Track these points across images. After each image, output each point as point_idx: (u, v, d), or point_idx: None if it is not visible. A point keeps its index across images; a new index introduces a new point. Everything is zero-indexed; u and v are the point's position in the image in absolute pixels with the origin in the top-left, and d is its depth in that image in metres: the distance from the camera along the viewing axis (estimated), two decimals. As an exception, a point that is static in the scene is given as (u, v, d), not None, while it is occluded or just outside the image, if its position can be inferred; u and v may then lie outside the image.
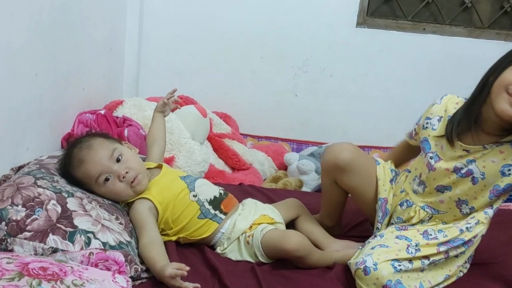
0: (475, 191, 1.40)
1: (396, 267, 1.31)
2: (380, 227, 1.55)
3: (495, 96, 1.29)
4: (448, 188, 1.43)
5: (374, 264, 1.30)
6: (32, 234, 1.21)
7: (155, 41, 2.81)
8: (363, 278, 1.31)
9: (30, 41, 1.62)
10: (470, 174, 1.38)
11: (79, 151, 1.46)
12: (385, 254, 1.34)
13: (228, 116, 2.80)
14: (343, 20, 2.78)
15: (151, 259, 1.31)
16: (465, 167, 1.38)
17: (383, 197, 1.55)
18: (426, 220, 1.49)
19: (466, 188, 1.40)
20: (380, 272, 1.30)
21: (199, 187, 1.57)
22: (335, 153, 1.56)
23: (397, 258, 1.33)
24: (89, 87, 2.21)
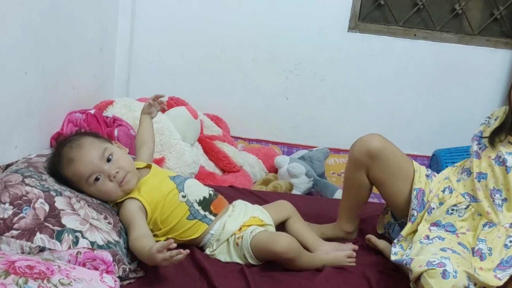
0: (507, 181, 1.42)
1: (469, 284, 1.28)
2: (416, 215, 1.54)
3: None
4: (485, 175, 1.46)
5: (454, 271, 1.25)
6: (19, 233, 1.19)
7: (147, 42, 2.80)
8: (438, 280, 1.25)
9: (20, 39, 1.61)
10: (505, 163, 1.42)
11: (69, 150, 1.44)
12: (463, 264, 1.30)
13: (219, 118, 2.80)
14: (335, 25, 2.79)
15: (141, 248, 1.30)
16: (503, 155, 1.43)
17: (419, 187, 1.55)
18: (463, 211, 1.49)
19: (501, 177, 1.43)
20: (458, 281, 1.24)
21: (189, 188, 1.56)
22: (366, 142, 1.58)
23: (469, 274, 1.29)
24: (79, 86, 2.19)
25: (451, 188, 1.54)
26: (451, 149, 2.66)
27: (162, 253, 1.21)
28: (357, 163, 1.61)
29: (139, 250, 1.31)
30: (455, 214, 1.50)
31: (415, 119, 2.94)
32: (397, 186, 1.58)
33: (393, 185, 1.59)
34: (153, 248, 1.22)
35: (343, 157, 2.93)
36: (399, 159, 1.60)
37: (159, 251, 1.21)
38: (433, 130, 2.94)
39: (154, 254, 1.21)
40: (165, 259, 1.21)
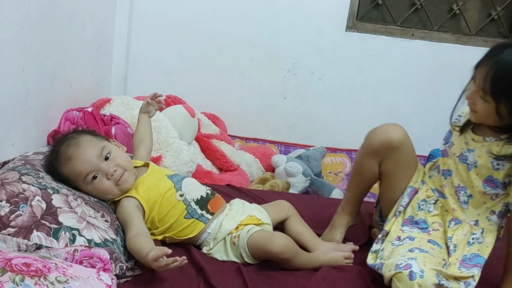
0: (469, 178, 1.42)
1: (440, 280, 1.28)
2: (401, 211, 1.54)
3: None
4: (450, 172, 1.47)
5: (421, 271, 1.26)
6: (16, 230, 1.19)
7: (144, 40, 2.80)
8: (405, 282, 1.26)
9: (18, 36, 1.61)
10: (465, 161, 1.42)
11: (67, 148, 1.44)
12: (431, 262, 1.32)
13: (216, 117, 2.80)
14: (332, 24, 2.79)
15: (138, 248, 1.30)
16: (465, 153, 1.42)
17: (415, 186, 1.56)
18: (432, 206, 1.50)
19: (464, 174, 1.43)
20: (425, 281, 1.25)
21: (186, 187, 1.56)
22: (388, 132, 1.52)
23: (439, 271, 1.30)
24: (77, 84, 2.19)
25: (424, 182, 1.55)
26: (447, 149, 2.66)
27: (158, 261, 1.21)
28: (374, 151, 1.55)
29: (135, 251, 1.31)
30: (425, 209, 1.52)
31: (412, 119, 2.94)
32: (401, 182, 1.56)
33: (399, 180, 1.57)
34: (148, 256, 1.22)
35: (340, 157, 2.93)
36: (412, 155, 1.57)
37: (154, 260, 1.21)
38: (429, 130, 2.94)
39: (150, 262, 1.22)
40: (160, 267, 1.22)
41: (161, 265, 1.21)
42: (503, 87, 1.25)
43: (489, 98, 1.28)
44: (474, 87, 1.33)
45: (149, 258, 1.22)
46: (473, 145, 1.42)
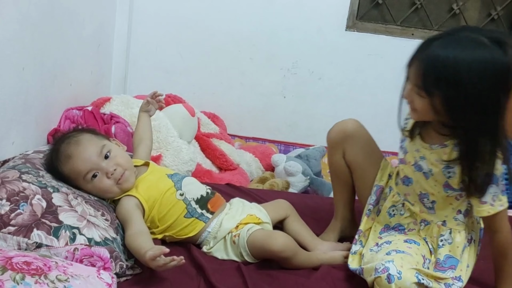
0: (429, 185, 1.42)
1: (420, 279, 1.28)
2: (371, 209, 1.56)
3: None
4: (411, 180, 1.47)
5: (398, 273, 1.26)
6: (16, 229, 1.19)
7: (144, 39, 2.80)
8: (385, 285, 1.27)
9: (18, 34, 1.60)
10: (421, 170, 1.42)
11: (67, 147, 1.44)
12: (408, 262, 1.32)
13: (216, 116, 2.80)
14: (332, 23, 2.79)
15: (136, 247, 1.30)
16: (418, 161, 1.42)
17: (380, 184, 1.56)
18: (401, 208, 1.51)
19: (423, 182, 1.43)
20: (404, 282, 1.25)
21: (186, 186, 1.56)
22: (342, 124, 1.61)
23: (418, 270, 1.30)
24: (77, 83, 2.19)
25: (391, 188, 1.56)
26: (447, 149, 2.66)
27: (156, 260, 1.21)
28: (334, 145, 1.62)
29: (134, 249, 1.31)
30: (397, 214, 1.52)
31: (411, 119, 2.94)
32: (368, 178, 1.59)
33: (366, 170, 1.59)
34: (146, 255, 1.22)
35: (340, 156, 2.93)
36: (372, 147, 1.61)
37: (152, 259, 1.21)
38: (429, 130, 2.95)
39: (148, 261, 1.22)
40: (158, 267, 1.22)
41: (159, 264, 1.21)
42: (434, 80, 1.23)
43: (424, 94, 1.26)
44: (409, 85, 1.32)
45: (147, 257, 1.22)
46: (423, 152, 1.41)
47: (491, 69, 1.17)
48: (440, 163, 1.37)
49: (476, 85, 1.18)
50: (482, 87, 1.18)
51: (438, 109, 1.25)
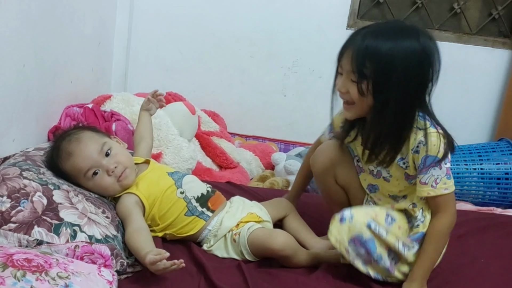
0: (394, 186, 1.46)
1: (371, 225, 1.33)
2: None
3: None
4: (376, 187, 1.51)
5: (351, 216, 1.34)
6: (17, 226, 1.19)
7: (145, 37, 2.80)
8: (336, 225, 1.35)
9: (18, 31, 1.60)
10: (380, 175, 1.46)
11: (68, 144, 1.44)
12: (364, 212, 1.38)
13: (216, 114, 2.80)
14: (333, 22, 2.79)
15: (136, 247, 1.30)
16: (375, 169, 1.47)
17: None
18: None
19: (387, 186, 1.47)
20: (354, 224, 1.33)
21: (187, 184, 1.56)
22: (325, 150, 1.60)
23: (374, 219, 1.35)
24: (77, 80, 2.19)
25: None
26: (447, 148, 2.67)
27: (156, 265, 1.21)
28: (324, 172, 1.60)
29: (134, 249, 1.31)
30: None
31: (412, 118, 2.94)
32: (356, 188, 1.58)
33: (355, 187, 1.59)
34: (146, 259, 1.22)
35: (340, 155, 2.93)
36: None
37: (152, 263, 1.21)
38: (429, 129, 2.94)
39: (147, 265, 1.22)
40: (158, 271, 1.22)
41: (158, 269, 1.21)
42: (365, 62, 1.30)
43: (356, 77, 1.32)
44: (343, 77, 1.40)
45: (147, 261, 1.22)
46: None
47: (413, 53, 1.30)
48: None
49: (399, 67, 1.28)
50: (406, 68, 1.28)
51: (366, 92, 1.32)
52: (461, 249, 1.68)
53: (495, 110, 2.91)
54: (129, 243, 1.33)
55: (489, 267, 1.58)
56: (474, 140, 2.84)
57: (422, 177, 1.35)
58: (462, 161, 2.58)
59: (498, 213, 2.14)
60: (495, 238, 1.78)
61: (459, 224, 1.83)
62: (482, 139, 2.92)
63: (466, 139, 2.82)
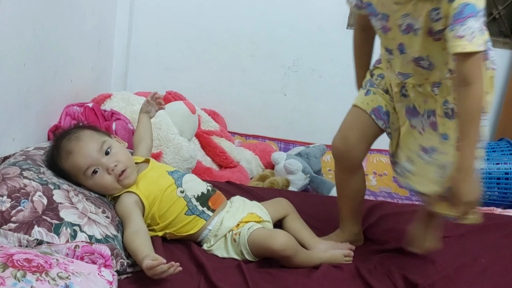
0: (419, 42, 1.32)
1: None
2: (389, 131, 1.62)
3: None
4: (403, 46, 1.38)
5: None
6: (17, 226, 1.18)
7: (145, 36, 2.79)
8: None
9: (18, 29, 1.60)
10: (411, 29, 1.32)
11: (68, 143, 1.44)
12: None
13: (217, 113, 2.79)
14: (334, 21, 2.79)
15: (134, 250, 1.30)
16: (404, 22, 1.32)
17: (371, 109, 1.59)
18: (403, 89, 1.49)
19: (414, 43, 1.34)
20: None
21: (187, 183, 1.55)
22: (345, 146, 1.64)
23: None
24: (77, 79, 2.18)
25: (382, 74, 1.55)
26: (447, 148, 2.67)
27: (152, 270, 1.20)
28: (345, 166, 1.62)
29: (132, 251, 1.31)
30: (408, 94, 1.47)
31: (412, 117, 2.94)
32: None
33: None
34: (143, 263, 1.22)
35: (340, 154, 2.93)
36: None
37: (149, 268, 1.20)
38: (430, 129, 2.95)
39: (144, 270, 1.22)
40: (154, 275, 1.21)
41: (155, 273, 1.21)
42: None
43: None
44: None
45: (144, 266, 1.21)
46: (405, 10, 1.29)
47: None
48: (426, 8, 1.25)
49: None
50: None
51: None
52: (461, 249, 1.69)
53: (495, 110, 2.91)
54: (127, 246, 1.33)
55: (489, 267, 1.58)
56: (474, 140, 2.84)
57: (458, 29, 1.16)
58: (462, 161, 2.57)
59: (498, 213, 2.14)
60: (495, 238, 1.78)
61: (459, 224, 1.85)
62: (482, 139, 2.92)
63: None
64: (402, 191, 2.77)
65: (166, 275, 1.21)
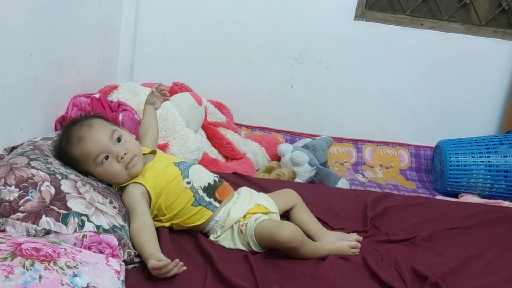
0: None
1: None
2: None
3: None
4: None
5: None
6: (25, 215, 1.19)
7: (151, 27, 2.79)
8: None
9: (27, 21, 1.60)
10: None
11: (79, 129, 1.44)
12: None
13: (223, 105, 2.79)
14: (341, 13, 2.77)
15: (140, 246, 1.31)
16: None
17: None
18: None
19: None
20: None
21: (193, 174, 1.55)
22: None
23: None
24: (84, 70, 2.18)
25: None
26: (454, 140, 2.66)
27: (158, 270, 1.21)
28: None
29: (137, 247, 1.31)
30: None
31: (419, 109, 2.93)
32: None
33: None
34: (148, 262, 1.23)
35: (346, 146, 2.93)
36: None
37: (155, 269, 1.22)
38: (437, 121, 2.93)
39: (149, 270, 1.23)
40: (159, 275, 1.22)
41: (160, 273, 1.22)
42: None
43: None
44: None
45: (149, 267, 1.23)
46: None
47: None
48: None
49: None
50: None
51: None
52: (468, 241, 1.68)
53: (503, 103, 2.89)
54: (133, 240, 1.33)
55: (496, 260, 1.58)
56: (482, 132, 2.83)
57: None
58: (469, 153, 2.57)
59: (506, 206, 2.13)
60: (502, 231, 1.78)
61: (466, 216, 1.85)
62: (490, 132, 2.90)
63: (474, 132, 2.81)
64: (409, 183, 2.77)
65: (171, 274, 1.22)
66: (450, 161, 2.56)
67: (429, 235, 1.69)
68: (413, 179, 2.83)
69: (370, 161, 2.90)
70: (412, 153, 2.93)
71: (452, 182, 2.56)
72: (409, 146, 2.95)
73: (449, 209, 1.93)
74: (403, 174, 2.86)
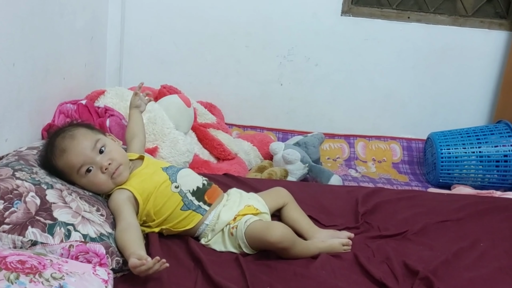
0: None
1: None
2: None
3: None
4: None
5: None
6: (11, 227, 1.18)
7: (138, 29, 2.77)
8: None
9: (7, 30, 1.58)
10: None
11: (62, 141, 1.43)
12: None
13: (213, 105, 2.78)
14: (328, 9, 2.77)
15: (122, 247, 1.28)
16: None
17: None
18: None
19: None
20: None
21: (182, 178, 1.54)
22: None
23: None
24: (70, 76, 2.17)
25: None
26: (445, 132, 2.66)
27: (137, 269, 1.18)
28: None
29: (120, 248, 1.29)
30: None
31: (409, 102, 2.93)
32: None
33: None
34: (129, 262, 1.20)
35: (338, 142, 2.92)
36: None
37: (134, 268, 1.19)
38: (427, 113, 2.93)
39: (131, 268, 1.20)
40: (140, 273, 1.19)
41: (141, 271, 1.19)
42: None
43: None
44: None
45: (129, 266, 1.20)
46: None
47: None
48: None
49: None
50: None
51: None
52: (460, 233, 1.68)
53: (493, 93, 2.89)
54: (117, 243, 1.31)
55: (488, 251, 1.58)
56: (472, 123, 2.83)
57: None
58: (460, 144, 2.57)
59: (498, 196, 2.13)
60: (494, 221, 1.78)
61: (458, 208, 1.84)
62: (480, 122, 2.91)
63: (464, 122, 2.81)
64: (402, 177, 2.77)
65: (152, 271, 1.19)
66: (441, 153, 2.55)
67: (420, 229, 1.69)
68: (406, 172, 2.83)
69: (363, 156, 2.90)
70: (404, 146, 2.93)
71: (444, 174, 2.56)
72: (400, 140, 2.95)
73: (440, 201, 1.93)
74: (395, 168, 2.86)
